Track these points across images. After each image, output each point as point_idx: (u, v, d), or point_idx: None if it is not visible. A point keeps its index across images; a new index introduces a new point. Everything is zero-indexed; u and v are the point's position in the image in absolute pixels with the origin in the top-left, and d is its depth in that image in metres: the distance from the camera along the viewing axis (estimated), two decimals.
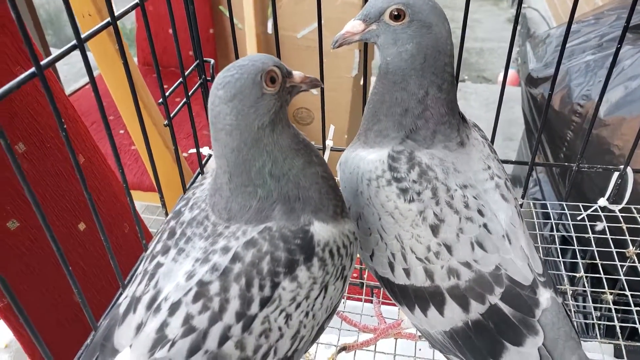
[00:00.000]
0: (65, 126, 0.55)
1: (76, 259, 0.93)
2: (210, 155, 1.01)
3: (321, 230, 0.52)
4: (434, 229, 0.56)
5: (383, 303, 0.85)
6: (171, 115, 0.81)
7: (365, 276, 0.92)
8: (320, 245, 0.51)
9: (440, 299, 0.57)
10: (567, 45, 1.55)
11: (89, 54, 1.15)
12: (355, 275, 1.06)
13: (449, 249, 0.56)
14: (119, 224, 1.06)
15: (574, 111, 1.43)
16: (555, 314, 0.57)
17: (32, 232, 0.82)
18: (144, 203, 2.35)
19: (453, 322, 0.58)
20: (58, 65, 2.62)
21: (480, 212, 0.57)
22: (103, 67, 1.17)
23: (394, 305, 0.71)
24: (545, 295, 0.57)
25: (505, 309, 0.56)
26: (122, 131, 1.90)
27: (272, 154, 0.50)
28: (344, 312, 0.83)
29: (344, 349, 0.77)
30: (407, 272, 0.58)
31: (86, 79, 2.55)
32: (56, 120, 0.53)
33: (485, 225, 0.56)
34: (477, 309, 0.56)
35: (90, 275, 0.96)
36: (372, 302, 0.86)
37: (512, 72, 3.71)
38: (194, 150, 0.95)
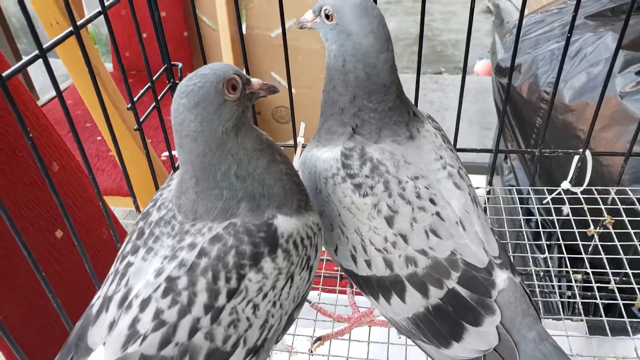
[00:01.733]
0: (31, 135, 0.56)
1: (54, 266, 0.94)
2: None
3: (284, 223, 0.54)
4: (389, 221, 0.58)
5: (357, 293, 0.87)
6: (140, 119, 0.83)
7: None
8: (284, 237, 0.53)
9: (401, 287, 0.59)
10: (533, 35, 1.59)
11: (59, 61, 1.16)
12: (335, 268, 1.08)
13: (404, 238, 0.58)
14: (96, 230, 1.07)
15: (541, 98, 1.47)
16: (512, 293, 0.60)
17: (7, 240, 0.83)
18: (125, 209, 2.35)
19: (415, 308, 0.60)
20: (32, 74, 2.60)
21: (432, 201, 0.59)
22: (73, 74, 1.18)
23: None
24: (501, 277, 0.60)
25: (463, 291, 0.58)
26: (99, 137, 1.90)
27: (237, 157, 0.52)
28: (319, 303, 0.85)
29: (320, 339, 0.79)
30: (368, 263, 0.61)
31: (63, 85, 2.53)
32: (21, 129, 0.55)
33: (438, 214, 0.59)
34: (436, 294, 0.58)
35: (69, 282, 0.97)
36: (346, 294, 0.88)
37: (487, 62, 3.76)
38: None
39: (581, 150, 0.96)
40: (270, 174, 0.55)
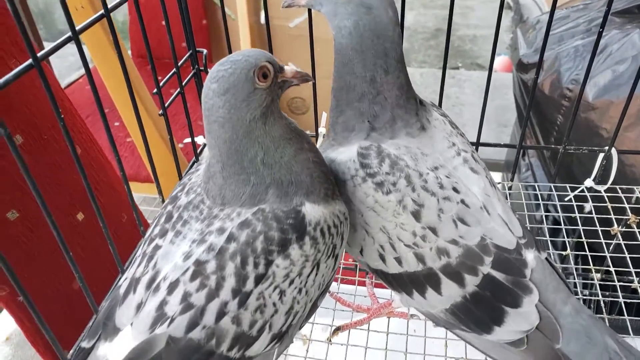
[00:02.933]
0: (62, 116, 0.56)
1: (75, 248, 0.95)
2: (205, 145, 1.03)
3: (312, 211, 0.54)
4: (416, 215, 0.58)
5: (376, 285, 0.87)
6: (165, 104, 0.83)
7: None
8: (312, 225, 0.53)
9: (436, 280, 0.59)
10: (557, 31, 1.56)
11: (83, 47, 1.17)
12: (352, 259, 1.08)
13: (433, 230, 0.58)
14: (116, 214, 1.08)
15: (563, 95, 1.45)
16: (541, 270, 0.60)
17: (32, 221, 0.84)
18: (141, 195, 2.36)
19: (452, 299, 0.60)
20: (50, 59, 2.62)
21: (455, 190, 0.59)
22: (97, 58, 1.19)
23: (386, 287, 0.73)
24: (530, 256, 0.60)
25: (498, 275, 0.58)
26: (117, 123, 1.91)
27: (264, 144, 0.52)
28: (338, 294, 0.85)
29: (338, 329, 0.79)
30: (398, 260, 0.60)
31: (79, 72, 2.55)
32: (54, 110, 0.55)
33: (462, 201, 0.58)
34: (472, 282, 0.58)
35: (89, 265, 0.97)
36: (365, 285, 0.88)
37: (505, 58, 3.72)
38: (189, 140, 0.97)
39: (606, 147, 0.94)
40: (298, 161, 0.55)
